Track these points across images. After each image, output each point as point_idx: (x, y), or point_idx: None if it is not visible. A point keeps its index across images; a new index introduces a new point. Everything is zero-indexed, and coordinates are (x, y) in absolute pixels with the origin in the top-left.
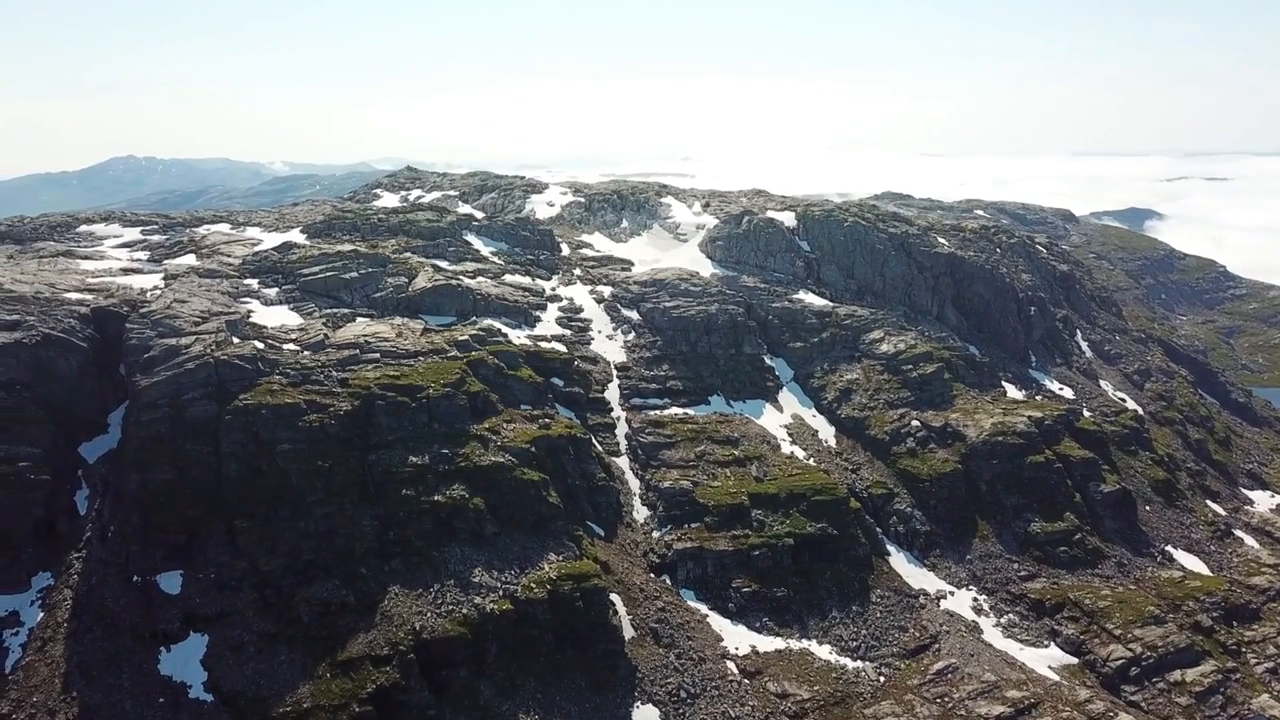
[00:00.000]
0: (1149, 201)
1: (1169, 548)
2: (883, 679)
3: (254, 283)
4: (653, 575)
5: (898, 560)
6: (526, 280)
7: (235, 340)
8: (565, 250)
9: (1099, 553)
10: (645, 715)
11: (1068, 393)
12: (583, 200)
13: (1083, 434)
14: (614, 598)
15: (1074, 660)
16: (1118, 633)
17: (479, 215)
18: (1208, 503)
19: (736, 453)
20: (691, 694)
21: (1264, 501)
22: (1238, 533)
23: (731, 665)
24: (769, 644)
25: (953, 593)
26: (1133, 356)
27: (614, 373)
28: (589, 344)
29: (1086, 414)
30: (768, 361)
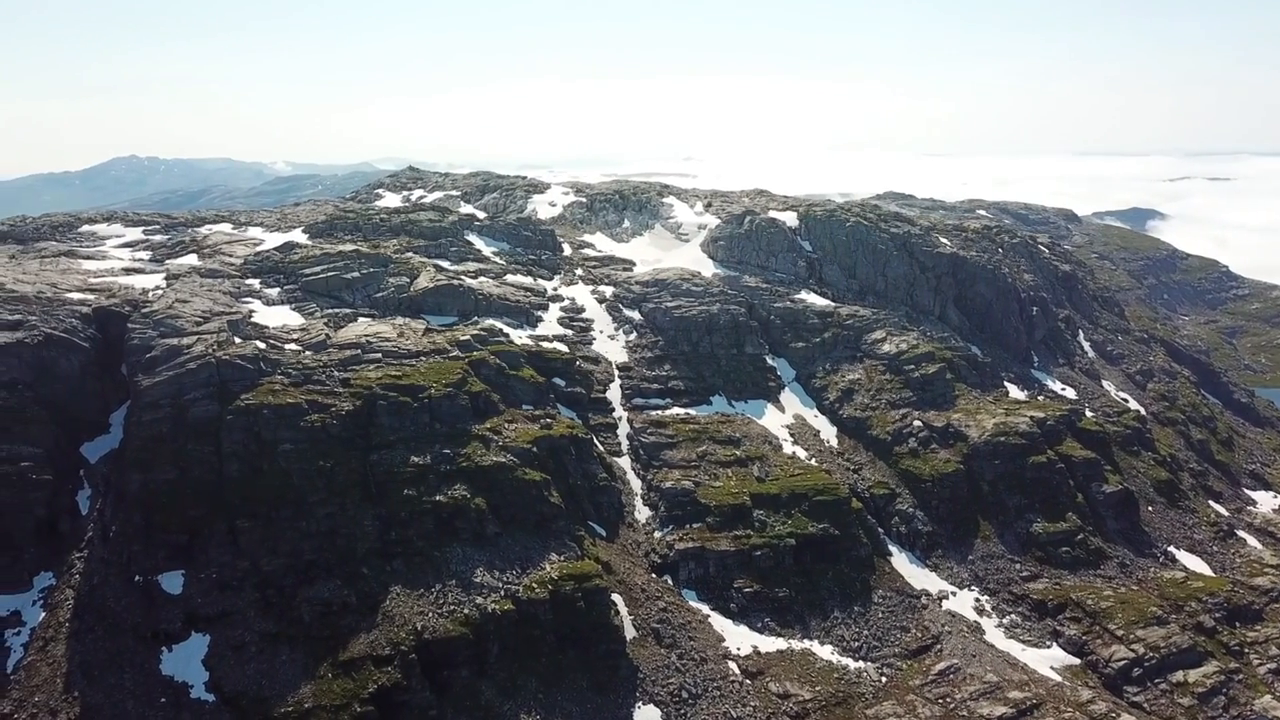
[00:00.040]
0: (1151, 201)
1: (1171, 548)
2: (884, 679)
3: (256, 283)
4: (654, 575)
5: (899, 561)
6: (528, 280)
7: (237, 340)
8: (567, 250)
9: (1101, 553)
10: (647, 715)
11: (1070, 393)
12: (584, 200)
13: (1085, 434)
14: (616, 598)
15: (1076, 661)
16: (1120, 633)
17: (481, 215)
18: (1210, 503)
19: (738, 453)
20: (693, 694)
21: (1266, 502)
22: (1240, 533)
23: (733, 665)
24: (771, 644)
25: (955, 593)
26: (1135, 357)
27: (616, 373)
28: (591, 344)
29: (1089, 414)
30: (769, 362)
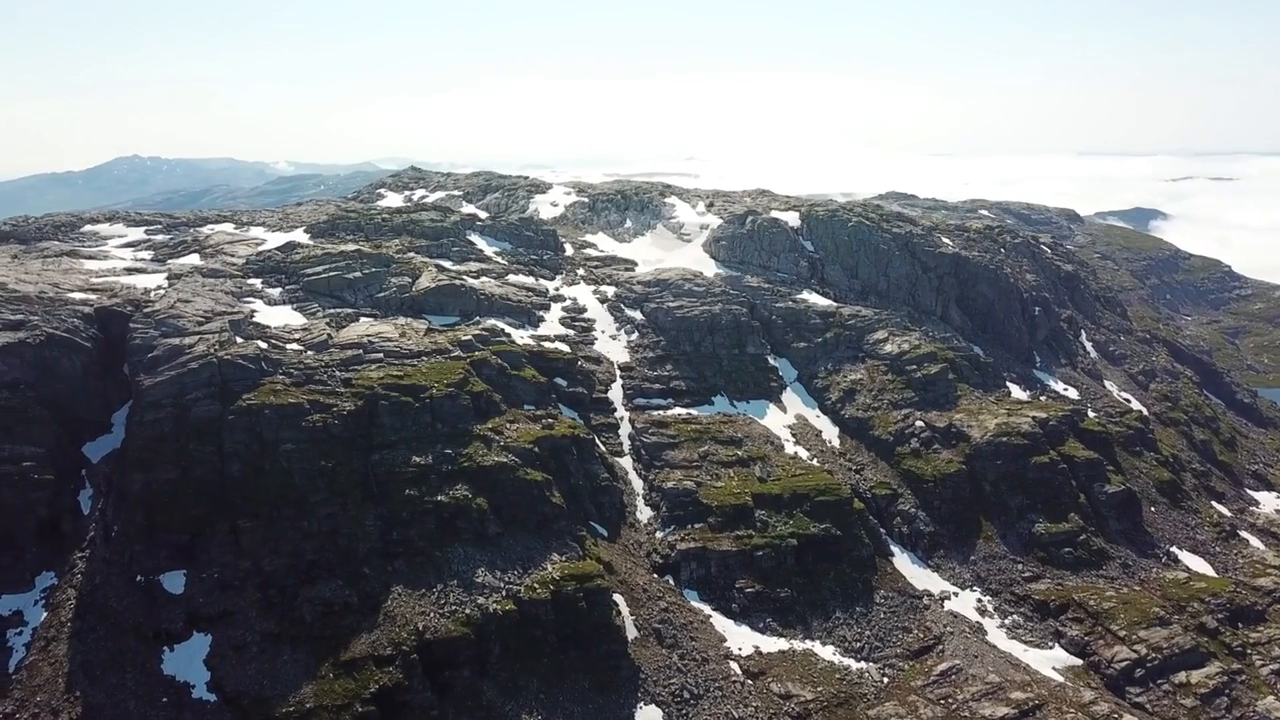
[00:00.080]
0: (1154, 201)
1: (1174, 549)
2: (886, 680)
3: (258, 282)
4: (656, 576)
5: (901, 561)
6: (530, 280)
7: (239, 340)
8: (569, 250)
9: (1103, 554)
10: (648, 716)
11: (1072, 393)
12: (586, 200)
13: (1087, 435)
14: (617, 598)
15: (1078, 662)
16: (1122, 634)
17: (483, 215)
18: (1213, 504)
19: (740, 453)
20: (695, 695)
21: (1269, 503)
22: (1243, 534)
23: (735, 666)
24: (772, 645)
25: (957, 594)
26: (1137, 357)
27: (617, 373)
28: (592, 344)
29: (1091, 414)
30: (771, 362)
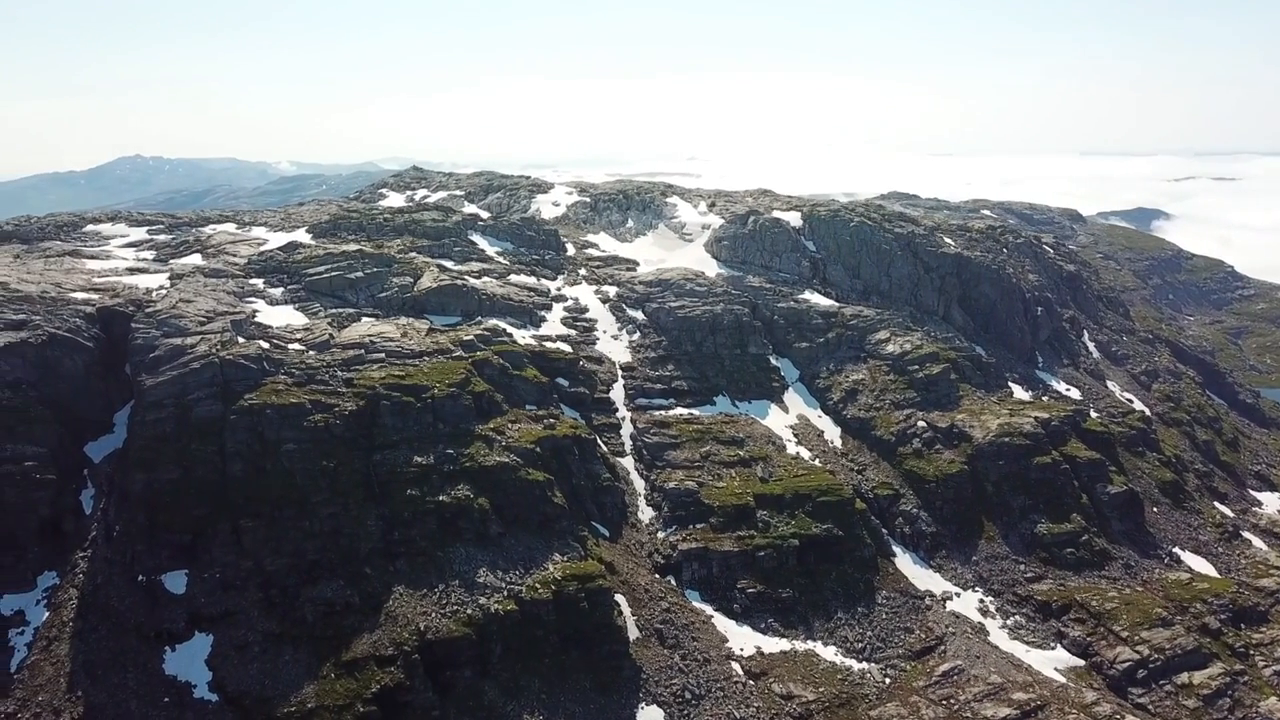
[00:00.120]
0: (1156, 201)
1: (1176, 549)
2: (888, 680)
3: (259, 282)
4: (658, 576)
5: (903, 561)
6: (532, 280)
7: (240, 340)
8: (571, 250)
9: (1106, 554)
10: (650, 716)
11: (1074, 393)
12: (588, 200)
13: (1090, 435)
14: (619, 598)
15: (1080, 662)
16: (1125, 635)
17: (484, 215)
18: (1215, 504)
19: (742, 453)
20: (696, 695)
21: (1272, 503)
22: (1246, 534)
23: (736, 666)
24: (774, 645)
25: (959, 594)
26: (1140, 357)
27: (619, 373)
28: (594, 344)
29: (1093, 415)
30: (773, 362)
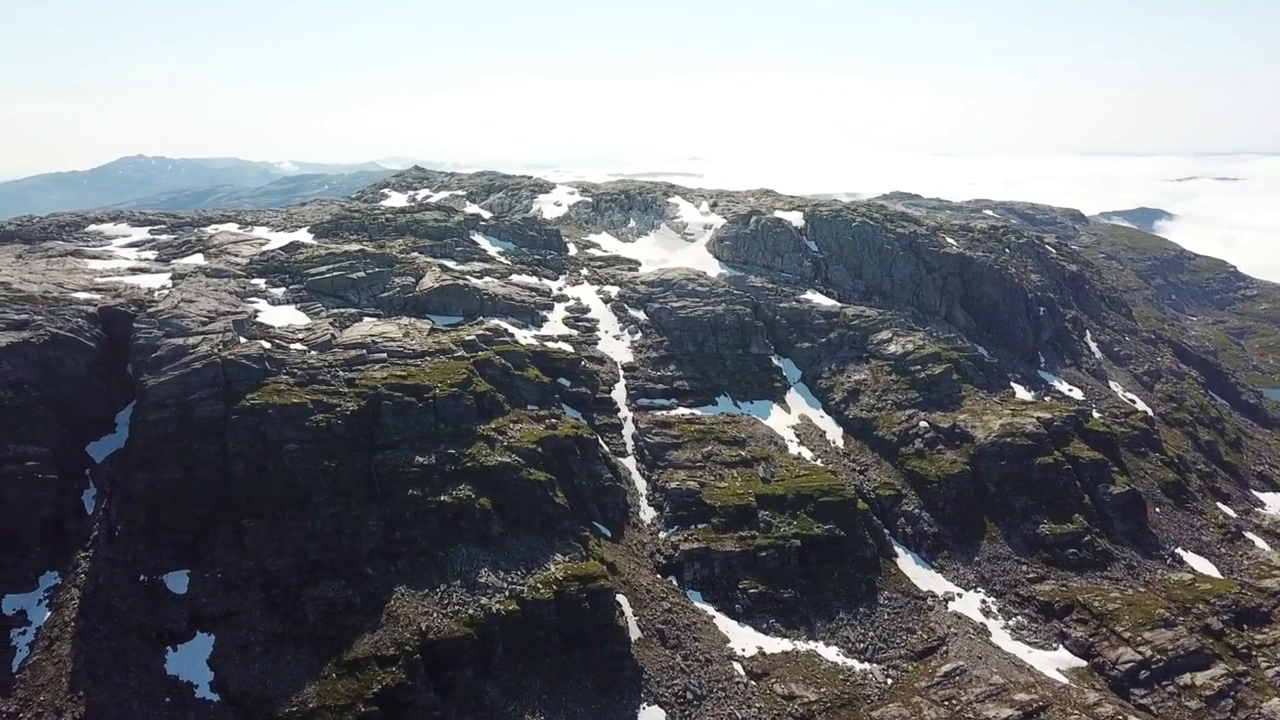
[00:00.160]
0: (1159, 201)
1: (1179, 550)
2: (890, 681)
3: (261, 282)
4: (659, 576)
5: (905, 562)
6: (533, 280)
7: (242, 340)
8: (572, 250)
9: (1108, 555)
10: (651, 716)
11: (1077, 394)
12: (590, 200)
13: (1092, 435)
14: (620, 599)
15: (1083, 663)
16: (1127, 635)
17: (486, 215)
18: (1218, 505)
19: (743, 453)
20: (698, 695)
21: (1275, 504)
22: (1248, 535)
23: (738, 667)
24: (776, 645)
25: (961, 594)
26: (1142, 357)
27: (621, 373)
28: (596, 344)
29: (1096, 415)
30: (775, 362)
